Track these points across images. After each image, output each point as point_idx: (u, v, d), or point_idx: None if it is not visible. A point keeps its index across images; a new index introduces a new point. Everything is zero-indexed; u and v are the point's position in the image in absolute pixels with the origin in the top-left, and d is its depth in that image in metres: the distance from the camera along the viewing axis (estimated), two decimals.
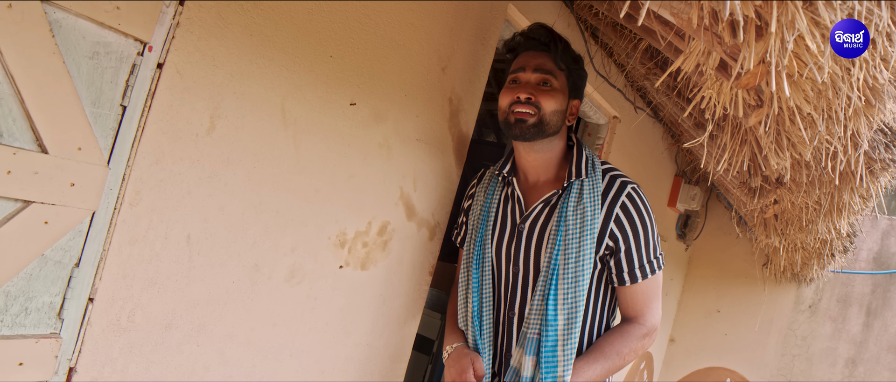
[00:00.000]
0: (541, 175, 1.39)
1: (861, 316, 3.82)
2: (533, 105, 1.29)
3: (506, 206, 1.42)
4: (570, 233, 1.27)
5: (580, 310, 1.24)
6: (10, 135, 0.81)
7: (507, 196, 1.43)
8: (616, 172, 1.35)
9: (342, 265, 1.36)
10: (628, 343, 1.30)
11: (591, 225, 1.26)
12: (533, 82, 1.32)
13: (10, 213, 0.82)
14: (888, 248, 3.86)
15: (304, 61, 1.16)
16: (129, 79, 0.92)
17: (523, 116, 1.29)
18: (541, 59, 1.33)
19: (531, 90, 1.30)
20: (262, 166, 1.13)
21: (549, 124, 1.30)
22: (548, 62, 1.33)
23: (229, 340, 1.15)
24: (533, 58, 1.34)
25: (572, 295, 1.24)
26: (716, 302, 4.25)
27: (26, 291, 0.86)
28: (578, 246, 1.25)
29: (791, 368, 3.93)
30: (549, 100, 1.29)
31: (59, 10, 0.82)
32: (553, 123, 1.31)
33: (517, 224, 1.37)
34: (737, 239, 4.12)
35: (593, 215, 1.27)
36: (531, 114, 1.28)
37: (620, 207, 1.29)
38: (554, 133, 1.33)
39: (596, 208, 1.27)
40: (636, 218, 1.29)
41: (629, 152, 2.75)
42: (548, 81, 1.31)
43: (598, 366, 1.26)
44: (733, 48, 0.94)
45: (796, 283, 4.05)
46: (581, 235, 1.26)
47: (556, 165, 1.39)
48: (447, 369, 1.38)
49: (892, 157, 1.72)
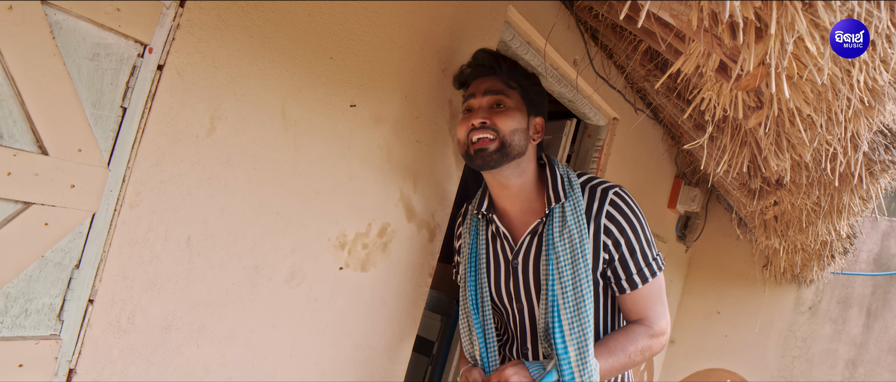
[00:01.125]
0: (520, 204, 1.33)
1: (861, 318, 3.82)
2: (490, 128, 1.23)
3: (495, 245, 1.37)
4: (561, 261, 1.21)
5: (589, 337, 1.18)
6: (11, 136, 0.81)
7: (493, 234, 1.37)
8: (595, 181, 1.30)
9: (342, 266, 1.36)
10: (636, 341, 1.24)
11: (581, 247, 1.21)
12: (485, 106, 1.27)
13: (10, 215, 0.82)
14: (888, 250, 3.86)
15: (304, 63, 1.16)
16: (129, 81, 0.92)
17: (483, 143, 1.23)
18: (489, 82, 1.30)
19: (485, 114, 1.25)
20: (263, 168, 1.13)
21: (511, 145, 1.24)
22: (497, 83, 1.29)
23: (229, 341, 1.15)
24: (482, 83, 1.31)
25: (578, 324, 1.18)
26: (716, 304, 4.25)
27: (26, 293, 0.86)
28: (573, 272, 1.20)
29: (791, 369, 3.93)
30: (506, 120, 1.24)
31: (59, 12, 0.82)
32: (516, 144, 1.24)
33: (510, 261, 1.33)
34: (737, 240, 4.12)
35: (581, 236, 1.21)
36: (491, 140, 1.23)
37: (606, 217, 1.24)
38: (519, 154, 1.26)
39: (582, 228, 1.22)
40: (624, 223, 1.24)
41: (629, 154, 2.75)
42: (501, 102, 1.27)
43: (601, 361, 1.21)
44: (733, 50, 0.94)
45: (796, 285, 4.05)
46: (573, 260, 1.21)
47: (533, 190, 1.32)
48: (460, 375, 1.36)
49: (891, 159, 1.72)
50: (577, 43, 2.08)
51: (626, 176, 2.78)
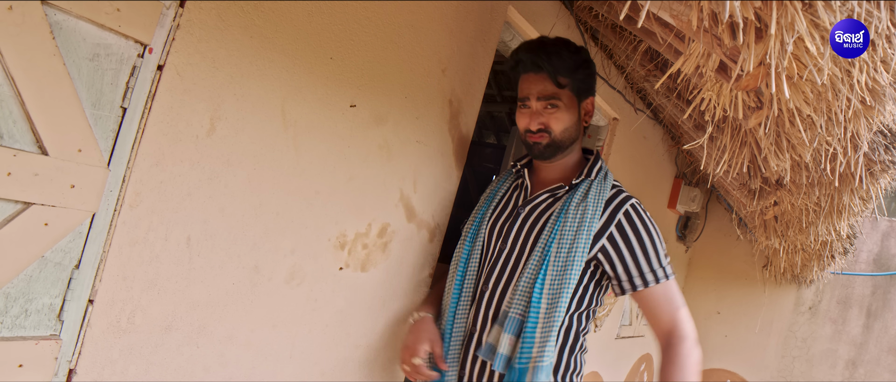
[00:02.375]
0: (553, 173, 1.46)
1: (861, 318, 3.82)
2: (544, 131, 1.37)
3: (513, 193, 1.50)
4: (567, 226, 1.30)
5: (563, 300, 1.26)
6: (11, 136, 0.81)
7: (517, 185, 1.52)
8: (624, 190, 1.40)
9: (342, 267, 1.36)
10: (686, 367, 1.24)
11: (588, 225, 1.29)
12: (539, 110, 1.38)
13: (10, 215, 0.82)
14: (888, 250, 3.86)
15: (304, 63, 1.16)
16: (129, 81, 0.92)
17: (537, 139, 1.38)
18: (541, 85, 1.37)
19: (539, 118, 1.37)
20: (263, 168, 1.13)
21: (562, 142, 1.39)
22: (548, 86, 1.36)
23: (229, 342, 1.15)
24: (534, 83, 1.38)
25: (558, 284, 1.27)
26: (716, 304, 4.25)
27: (26, 293, 0.86)
28: (573, 240, 1.29)
29: (791, 370, 3.93)
30: (557, 121, 1.37)
31: (59, 12, 0.82)
32: (567, 139, 1.39)
33: (518, 206, 1.44)
34: (737, 240, 4.12)
35: (593, 216, 1.31)
36: (544, 138, 1.38)
37: (623, 214, 1.33)
38: (571, 145, 1.41)
39: (597, 210, 1.32)
40: (640, 227, 1.32)
41: (629, 154, 2.75)
42: (554, 103, 1.37)
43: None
44: (733, 50, 0.94)
45: (796, 285, 4.05)
46: (578, 231, 1.29)
47: (569, 167, 1.46)
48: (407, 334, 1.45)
49: (891, 159, 1.72)
50: (576, 43, 2.08)
51: (626, 176, 2.78)
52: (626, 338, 3.41)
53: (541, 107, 1.38)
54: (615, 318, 3.13)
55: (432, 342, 1.39)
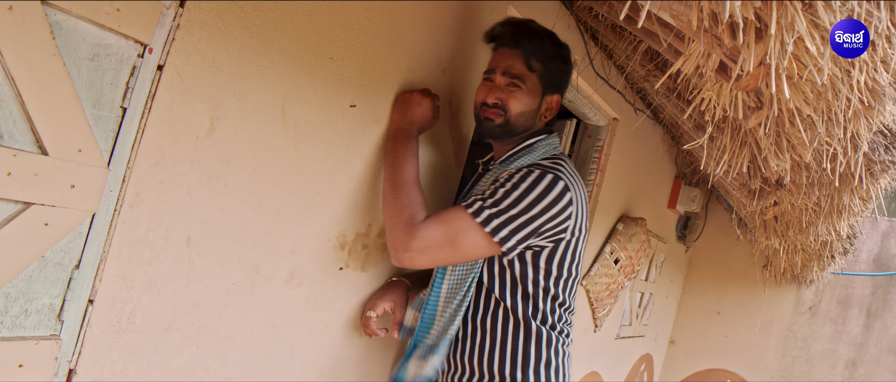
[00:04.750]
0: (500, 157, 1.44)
1: (861, 318, 3.82)
2: (500, 108, 1.33)
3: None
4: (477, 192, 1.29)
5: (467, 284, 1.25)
6: (11, 136, 0.81)
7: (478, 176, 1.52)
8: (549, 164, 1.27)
9: (342, 267, 1.36)
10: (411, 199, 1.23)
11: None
12: (501, 85, 1.34)
13: (10, 215, 0.82)
14: (888, 250, 3.86)
15: (304, 63, 1.16)
16: (129, 81, 0.92)
17: (491, 115, 1.34)
18: (511, 61, 1.33)
19: (499, 93, 1.33)
20: (263, 168, 1.13)
21: (515, 124, 1.34)
22: (518, 64, 1.32)
23: (229, 342, 1.15)
24: (505, 58, 1.34)
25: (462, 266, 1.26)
26: (716, 304, 4.25)
27: (26, 293, 0.86)
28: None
29: (791, 370, 3.93)
30: (516, 101, 1.32)
31: (59, 12, 0.82)
32: (520, 123, 1.35)
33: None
34: (737, 240, 4.12)
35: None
36: (498, 116, 1.33)
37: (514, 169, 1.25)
38: (523, 132, 1.37)
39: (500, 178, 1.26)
40: (510, 177, 1.21)
41: (629, 154, 2.75)
42: (516, 84, 1.33)
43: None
44: (733, 50, 0.94)
45: (796, 285, 4.05)
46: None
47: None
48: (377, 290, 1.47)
49: (891, 159, 1.72)
50: (576, 43, 2.08)
51: (626, 176, 2.78)
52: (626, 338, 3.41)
53: (504, 83, 1.33)
54: (615, 318, 3.13)
55: (394, 305, 1.40)
